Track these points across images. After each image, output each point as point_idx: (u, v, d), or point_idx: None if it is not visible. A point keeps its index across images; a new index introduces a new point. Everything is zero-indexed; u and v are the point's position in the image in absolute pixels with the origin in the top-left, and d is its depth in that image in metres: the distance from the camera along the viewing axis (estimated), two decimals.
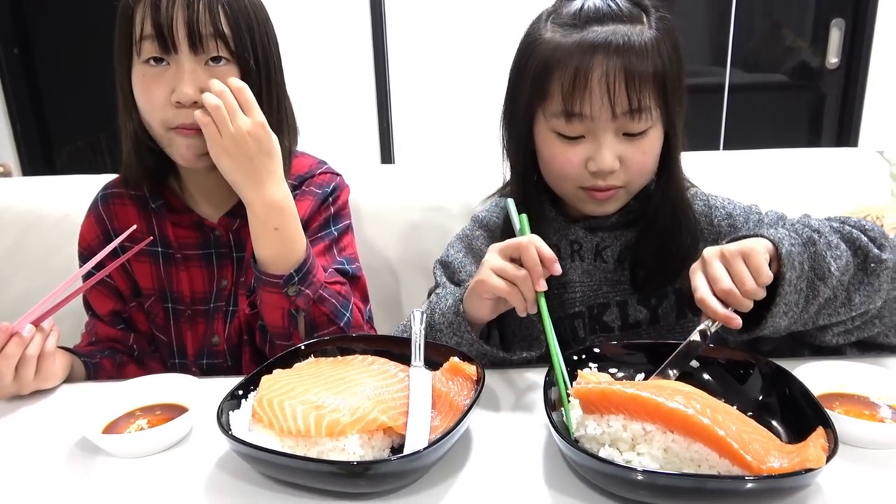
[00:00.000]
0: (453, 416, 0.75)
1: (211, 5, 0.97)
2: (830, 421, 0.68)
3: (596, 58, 0.89)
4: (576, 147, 0.95)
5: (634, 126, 0.93)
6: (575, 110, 0.91)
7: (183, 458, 0.79)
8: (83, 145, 2.79)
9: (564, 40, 0.92)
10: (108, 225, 1.16)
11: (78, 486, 0.75)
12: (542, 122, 0.97)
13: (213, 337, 1.14)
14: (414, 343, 0.86)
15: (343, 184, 1.23)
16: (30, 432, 0.87)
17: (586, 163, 0.95)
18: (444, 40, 2.44)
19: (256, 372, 0.82)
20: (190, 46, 0.97)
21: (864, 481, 0.69)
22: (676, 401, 0.68)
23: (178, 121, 0.99)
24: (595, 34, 0.90)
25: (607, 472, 0.66)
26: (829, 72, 2.54)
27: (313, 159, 1.23)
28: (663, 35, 0.93)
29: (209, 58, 0.99)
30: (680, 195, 1.02)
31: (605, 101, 0.90)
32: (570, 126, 0.93)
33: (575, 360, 0.84)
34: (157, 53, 0.98)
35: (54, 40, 2.70)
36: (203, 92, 0.96)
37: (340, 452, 0.70)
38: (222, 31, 0.98)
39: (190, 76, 0.97)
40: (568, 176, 0.97)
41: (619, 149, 0.93)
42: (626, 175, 0.96)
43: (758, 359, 0.81)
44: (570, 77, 0.90)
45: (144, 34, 0.97)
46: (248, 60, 1.01)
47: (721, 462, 0.65)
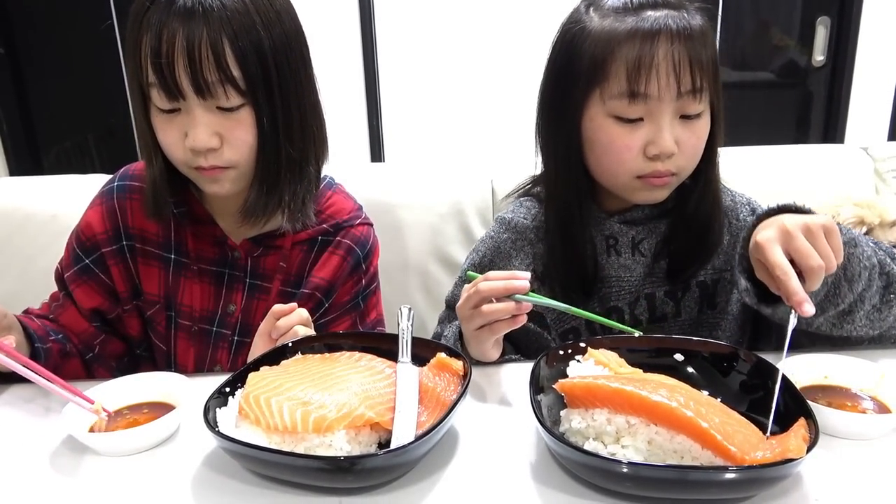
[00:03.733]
0: (440, 412, 0.76)
1: (215, 46, 0.88)
2: (812, 412, 0.69)
3: (660, 38, 0.91)
4: (634, 132, 0.95)
5: (694, 107, 0.94)
6: (640, 90, 0.92)
7: (170, 455, 0.79)
8: (70, 146, 2.77)
9: (620, 25, 0.93)
10: (119, 221, 1.08)
11: (65, 484, 0.75)
12: (598, 107, 0.96)
13: (215, 365, 1.10)
14: (401, 339, 0.86)
15: (376, 240, 1.17)
16: (16, 431, 0.86)
17: (645, 148, 0.95)
18: (433, 38, 2.45)
19: (243, 369, 0.82)
20: (197, 94, 0.90)
21: (846, 472, 0.70)
22: (660, 394, 0.68)
23: (196, 163, 0.95)
24: (654, 18, 0.92)
25: (592, 465, 0.67)
26: (816, 69, 2.56)
27: (352, 203, 1.16)
28: (707, 23, 0.96)
29: (220, 107, 0.92)
30: (717, 188, 1.04)
31: (671, 80, 0.92)
32: (633, 107, 0.94)
33: (562, 356, 0.85)
34: (166, 104, 0.92)
35: (41, 40, 2.68)
36: (219, 137, 0.93)
37: (327, 448, 0.71)
38: (231, 76, 0.90)
39: (202, 120, 0.92)
40: (625, 163, 0.97)
41: (676, 132, 0.95)
42: (681, 160, 0.97)
43: (742, 352, 0.82)
44: (635, 56, 0.91)
45: (150, 82, 0.91)
46: (263, 101, 0.94)
47: (704, 453, 0.66)
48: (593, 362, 0.80)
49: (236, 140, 0.95)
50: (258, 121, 0.95)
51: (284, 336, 0.90)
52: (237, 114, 0.93)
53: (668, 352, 0.85)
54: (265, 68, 0.93)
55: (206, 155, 0.94)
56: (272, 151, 0.97)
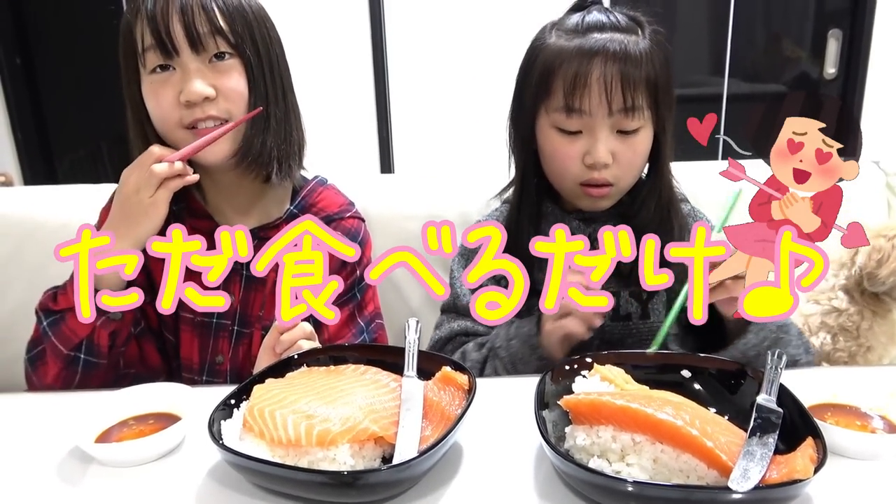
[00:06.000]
0: (444, 426, 0.76)
1: (205, 4, 1.00)
2: (820, 431, 0.68)
3: (595, 59, 0.99)
4: (574, 143, 1.04)
5: (628, 124, 1.02)
6: (575, 105, 1.00)
7: (175, 467, 0.79)
8: (84, 154, 2.80)
9: (567, 44, 1.02)
10: None
11: (70, 494, 0.75)
12: (545, 118, 1.06)
13: (217, 356, 1.13)
14: (407, 352, 0.86)
15: (368, 234, 1.24)
16: (22, 441, 0.87)
17: (583, 157, 1.03)
18: (443, 50, 2.45)
19: (248, 381, 0.83)
20: (191, 47, 1.00)
21: (854, 492, 0.69)
22: (665, 412, 0.68)
23: (192, 117, 1.01)
24: (595, 40, 1.01)
25: (597, 483, 0.66)
26: (827, 82, 2.55)
27: (343, 198, 1.24)
28: (656, 46, 1.03)
29: (212, 55, 1.01)
30: (668, 194, 1.11)
31: (602, 99, 0.99)
32: (570, 120, 1.02)
33: (567, 371, 0.84)
34: (160, 61, 1.01)
35: (56, 50, 2.71)
36: (214, 88, 1.00)
37: (331, 462, 0.71)
38: (220, 27, 1.01)
39: (196, 75, 1.00)
40: (567, 170, 1.06)
41: (612, 145, 1.02)
42: (617, 170, 1.04)
43: (749, 369, 0.81)
44: (571, 75, 1.00)
45: (146, 46, 1.01)
46: (251, 53, 1.03)
47: (710, 473, 0.66)
48: (599, 378, 0.80)
49: (230, 91, 1.03)
50: (248, 75, 1.04)
51: (288, 350, 0.91)
52: (227, 63, 1.03)
53: (675, 368, 0.84)
54: (248, 25, 1.04)
55: (203, 106, 1.01)
56: (261, 102, 1.05)
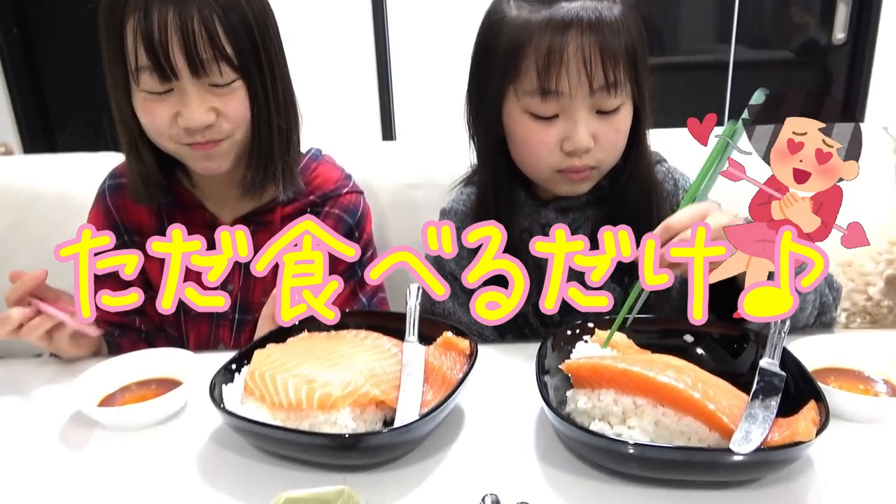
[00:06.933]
0: (445, 390, 0.76)
1: (207, 23, 0.90)
2: (822, 395, 0.68)
3: (570, 33, 0.87)
4: (550, 128, 0.92)
5: (609, 102, 0.91)
6: (551, 87, 0.89)
7: (177, 431, 0.80)
8: (85, 124, 2.78)
9: (534, 17, 0.89)
10: (116, 218, 1.12)
11: (74, 458, 0.76)
12: (514, 102, 0.94)
13: (218, 344, 1.12)
14: (409, 318, 0.85)
15: (367, 206, 1.18)
16: (26, 406, 0.88)
17: (561, 143, 0.92)
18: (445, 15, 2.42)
19: (249, 346, 0.83)
20: (192, 72, 0.91)
21: (856, 455, 0.69)
22: (667, 375, 0.68)
23: (191, 140, 0.96)
24: (566, 10, 0.88)
25: (598, 446, 0.66)
26: (836, 48, 2.50)
27: (339, 172, 1.17)
28: (629, 10, 0.92)
29: (214, 83, 0.94)
30: (648, 172, 1.01)
31: (582, 77, 0.88)
32: (545, 104, 0.91)
33: (569, 336, 0.84)
34: (157, 87, 0.92)
35: (53, 19, 2.68)
36: (215, 112, 0.94)
37: (332, 426, 0.71)
38: (225, 53, 0.92)
39: (196, 100, 0.93)
40: (542, 158, 0.95)
41: (593, 126, 0.92)
42: (599, 154, 0.94)
43: (752, 333, 0.81)
44: (544, 53, 0.88)
45: (140, 65, 0.91)
46: (255, 75, 0.97)
47: (711, 435, 0.66)
48: (600, 344, 0.80)
49: (233, 113, 0.97)
50: (251, 94, 0.97)
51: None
52: (230, 88, 0.95)
53: (678, 333, 0.84)
54: (253, 42, 0.95)
55: (203, 131, 0.95)
56: (265, 124, 1.00)
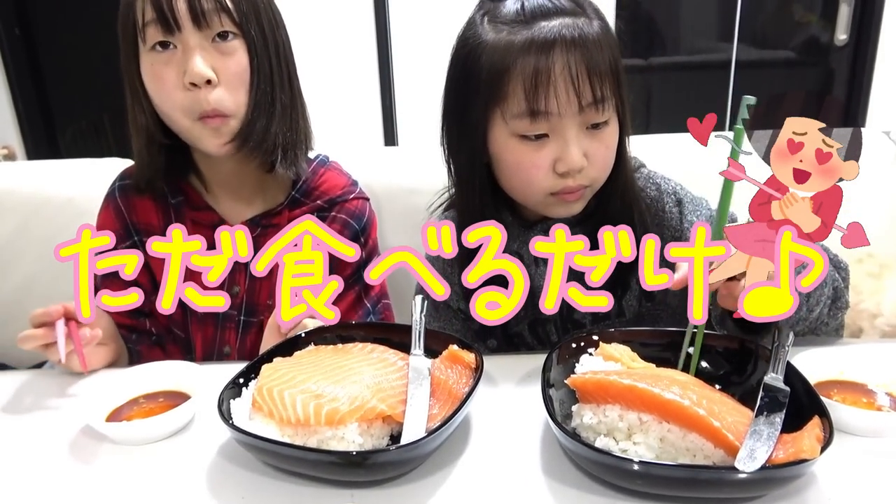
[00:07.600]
0: (452, 404, 0.76)
1: None
2: (826, 410, 0.68)
3: (555, 52, 0.87)
4: (541, 150, 0.91)
5: (599, 116, 0.91)
6: (540, 108, 0.88)
7: (185, 445, 0.80)
8: (86, 126, 2.78)
9: (515, 38, 0.89)
10: (126, 218, 1.14)
11: (82, 473, 0.76)
12: (502, 126, 0.92)
13: (224, 346, 1.13)
14: (414, 331, 0.86)
15: (373, 213, 1.20)
16: (34, 420, 0.88)
17: (554, 165, 0.92)
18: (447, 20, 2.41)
19: (257, 360, 0.83)
20: (193, 22, 0.97)
21: (861, 471, 0.70)
22: (672, 391, 0.68)
23: (198, 108, 0.99)
24: (547, 29, 0.88)
25: (603, 462, 0.67)
26: (838, 48, 2.50)
27: (346, 178, 1.20)
28: (606, 25, 0.92)
29: (215, 34, 0.98)
30: (629, 187, 1.01)
31: (570, 95, 0.88)
32: (535, 125, 0.90)
33: (574, 349, 0.84)
34: (161, 37, 0.97)
35: (56, 20, 2.68)
36: (216, 71, 0.97)
37: (339, 441, 0.71)
38: (225, 5, 0.98)
39: (198, 53, 0.97)
40: (536, 183, 0.94)
41: (583, 144, 0.91)
42: (592, 172, 0.94)
43: (757, 347, 0.81)
44: (530, 74, 0.87)
45: (147, 20, 0.97)
46: (255, 34, 1.01)
47: (716, 452, 0.66)
48: (603, 358, 0.80)
49: (232, 77, 1.00)
50: (250, 53, 1.01)
51: (293, 329, 0.91)
52: (231, 44, 1.00)
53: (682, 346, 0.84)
54: (255, 9, 1.01)
55: (206, 92, 0.98)
56: (265, 85, 1.03)
